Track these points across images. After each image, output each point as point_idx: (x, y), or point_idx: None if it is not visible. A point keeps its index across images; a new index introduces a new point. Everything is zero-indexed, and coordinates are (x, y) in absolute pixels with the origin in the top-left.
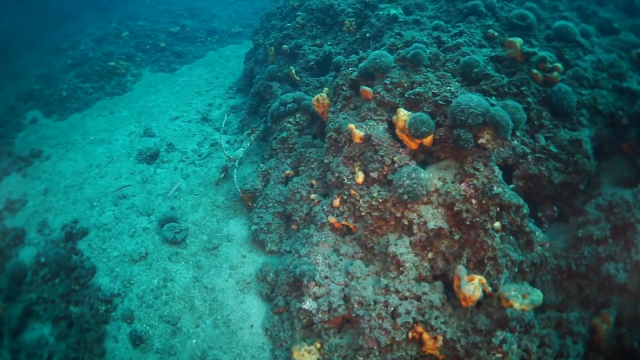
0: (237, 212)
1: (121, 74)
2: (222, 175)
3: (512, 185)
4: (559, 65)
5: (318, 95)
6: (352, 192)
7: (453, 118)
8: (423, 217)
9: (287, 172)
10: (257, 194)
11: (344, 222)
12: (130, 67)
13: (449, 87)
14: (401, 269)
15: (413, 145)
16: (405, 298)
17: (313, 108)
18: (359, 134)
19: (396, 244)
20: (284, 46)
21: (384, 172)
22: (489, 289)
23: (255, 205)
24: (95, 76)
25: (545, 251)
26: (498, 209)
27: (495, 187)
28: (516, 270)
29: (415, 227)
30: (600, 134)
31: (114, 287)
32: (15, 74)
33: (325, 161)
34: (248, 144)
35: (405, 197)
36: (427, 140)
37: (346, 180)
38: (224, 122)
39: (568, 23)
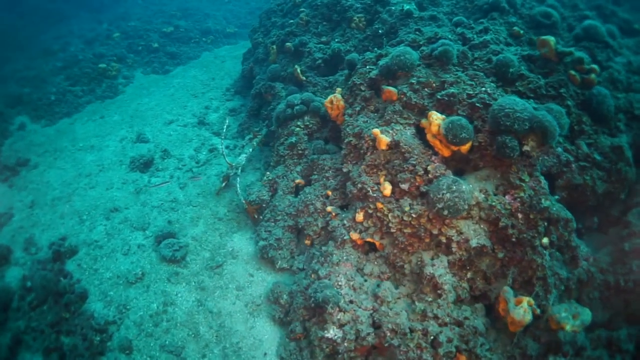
0: (241, 224)
1: (112, 76)
2: (224, 184)
3: (556, 197)
4: (595, 67)
5: (332, 96)
6: (379, 205)
7: (496, 123)
8: (464, 233)
9: (297, 181)
10: (264, 205)
11: (369, 239)
12: (122, 69)
13: (484, 88)
14: (439, 291)
15: (446, 152)
16: (446, 324)
17: (324, 110)
18: (385, 139)
19: (433, 265)
20: (287, 44)
21: (416, 184)
22: (538, 310)
23: (262, 217)
24: (85, 79)
25: (591, 266)
26: (546, 223)
27: (543, 200)
28: (562, 288)
29: (454, 245)
30: (638, 140)
31: (108, 314)
32: (4, 78)
33: (344, 170)
34: (250, 150)
35: (446, 212)
36: (465, 147)
37: (371, 192)
38: (225, 127)
39: (596, 22)
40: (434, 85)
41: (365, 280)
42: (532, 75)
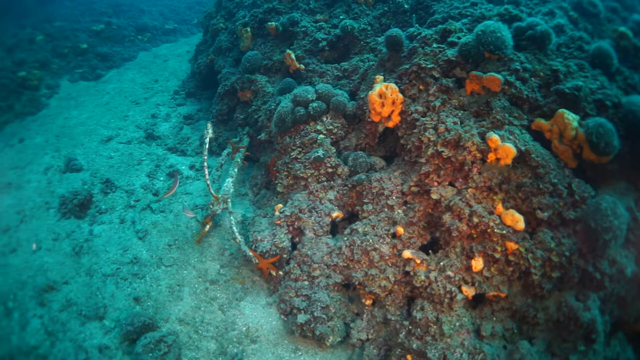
0: (247, 284)
1: (34, 86)
2: (207, 227)
3: None
4: None
5: (381, 87)
6: (512, 246)
7: None
8: (617, 263)
9: (334, 214)
10: (284, 255)
11: (493, 293)
12: (45, 77)
13: (598, 82)
14: (593, 336)
15: (573, 163)
16: None
17: (351, 107)
18: (512, 150)
19: (588, 308)
20: (271, 24)
21: (559, 209)
22: None
23: (282, 273)
24: (2, 92)
25: None
26: None
27: None
28: None
29: (607, 279)
30: None
31: None
32: None
33: (433, 196)
34: (235, 170)
35: (612, 244)
36: (609, 157)
37: (496, 228)
38: (206, 138)
39: None
40: (540, 74)
41: (490, 345)
42: (626, 70)
